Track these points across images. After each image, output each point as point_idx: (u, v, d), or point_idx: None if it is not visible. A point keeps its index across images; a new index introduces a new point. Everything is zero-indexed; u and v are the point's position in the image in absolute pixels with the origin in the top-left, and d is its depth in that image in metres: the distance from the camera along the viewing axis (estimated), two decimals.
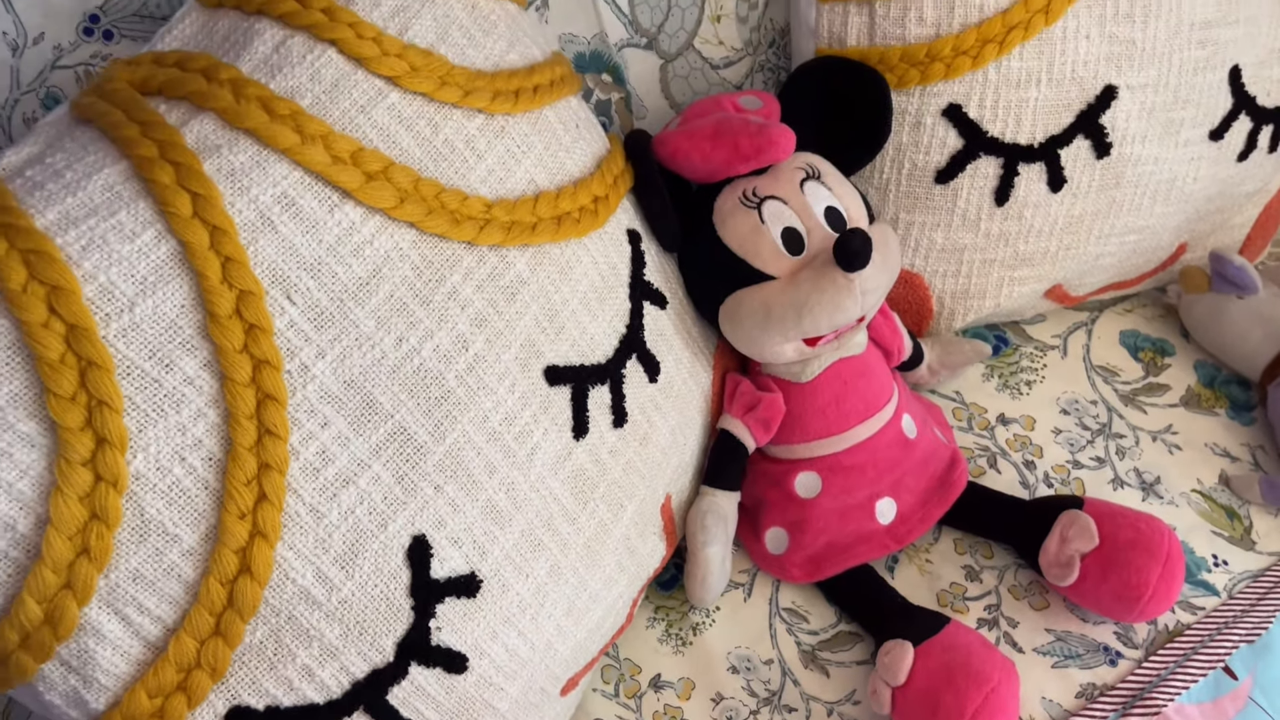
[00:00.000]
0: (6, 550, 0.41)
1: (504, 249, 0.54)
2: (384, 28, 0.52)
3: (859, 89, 0.70)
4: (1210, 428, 0.82)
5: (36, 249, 0.41)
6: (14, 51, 0.56)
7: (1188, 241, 0.85)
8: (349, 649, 0.48)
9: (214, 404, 0.44)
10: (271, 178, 0.46)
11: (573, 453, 0.57)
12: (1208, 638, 0.70)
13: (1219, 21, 0.74)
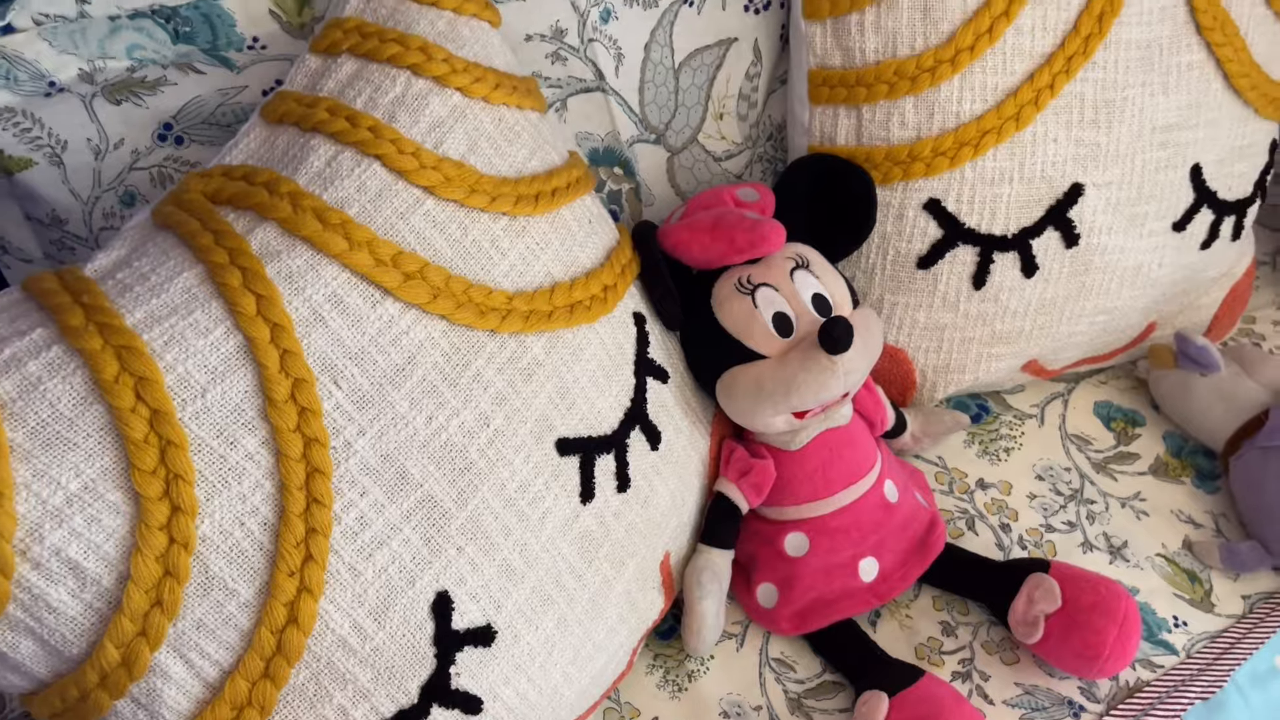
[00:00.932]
0: (91, 602, 0.48)
1: (523, 335, 0.61)
2: (421, 142, 0.59)
3: (847, 184, 0.78)
4: (1176, 495, 0.87)
5: (127, 345, 0.48)
6: (97, 155, 0.64)
7: (1157, 321, 0.91)
8: (379, 691, 0.55)
9: (270, 476, 0.51)
10: (323, 279, 0.54)
11: (580, 516, 0.63)
12: (1165, 694, 0.75)
13: (1180, 125, 0.80)
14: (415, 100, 0.60)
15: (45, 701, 0.51)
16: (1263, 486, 0.82)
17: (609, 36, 0.77)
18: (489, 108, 0.63)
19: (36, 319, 0.50)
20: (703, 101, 0.82)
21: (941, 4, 0.74)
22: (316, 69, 0.62)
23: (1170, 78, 0.79)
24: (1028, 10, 0.75)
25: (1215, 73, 0.80)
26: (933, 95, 0.75)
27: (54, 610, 0.48)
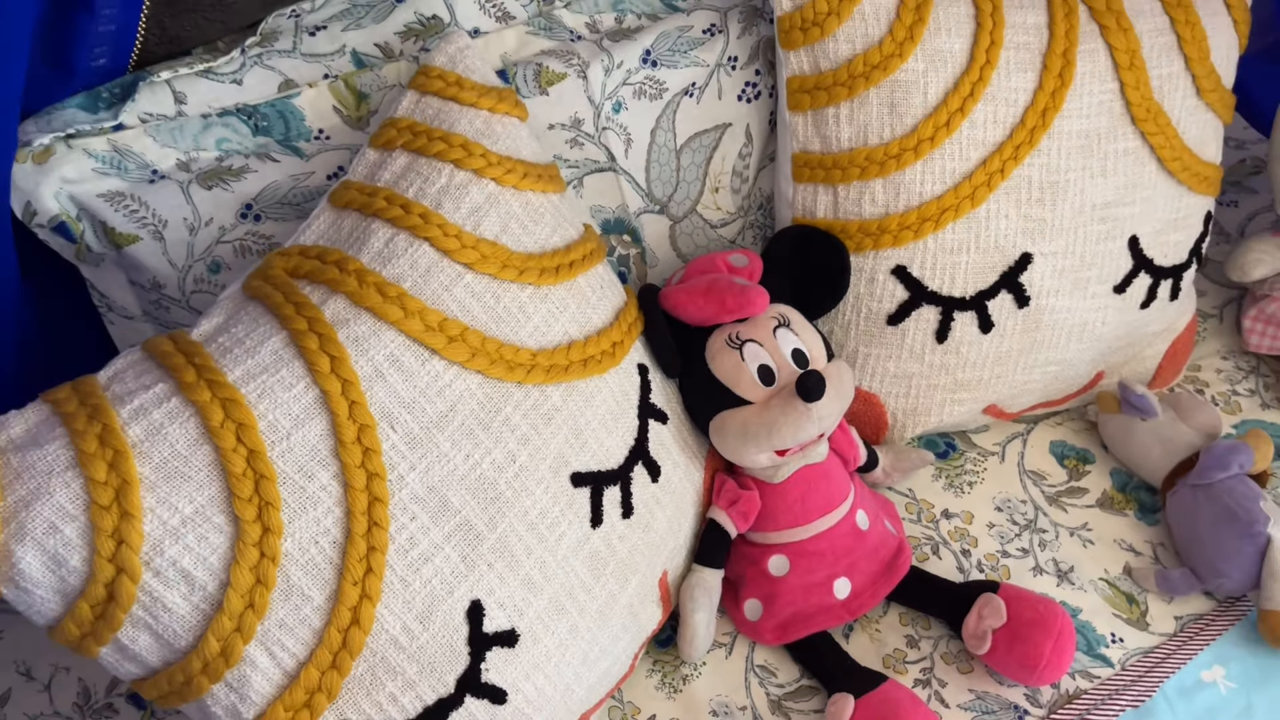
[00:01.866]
0: (198, 604, 0.60)
1: (544, 386, 0.73)
2: (463, 226, 0.71)
3: (826, 252, 0.89)
4: (1120, 526, 0.98)
5: (230, 398, 0.60)
6: (191, 231, 0.76)
7: (1104, 370, 1.02)
8: (422, 682, 0.66)
9: (339, 503, 0.63)
10: (383, 342, 0.66)
11: (590, 538, 0.75)
12: (1100, 701, 0.86)
13: (1118, 202, 0.92)
14: (457, 190, 0.72)
15: (154, 685, 0.62)
16: (1194, 520, 0.93)
17: (620, 124, 0.89)
18: (518, 194, 0.75)
19: (157, 375, 0.62)
20: (701, 177, 0.94)
21: (906, 101, 0.86)
22: (375, 161, 0.74)
23: (1108, 162, 0.90)
24: (980, 107, 0.87)
25: (1150, 157, 0.92)
26: (899, 178, 0.87)
27: (168, 610, 0.60)
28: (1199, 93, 0.93)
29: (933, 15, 0.86)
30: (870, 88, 0.86)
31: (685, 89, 0.91)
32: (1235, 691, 0.87)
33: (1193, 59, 0.91)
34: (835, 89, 0.87)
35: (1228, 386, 1.10)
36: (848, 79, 0.86)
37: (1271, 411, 1.08)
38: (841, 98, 0.87)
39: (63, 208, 0.73)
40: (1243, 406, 1.08)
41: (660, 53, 0.89)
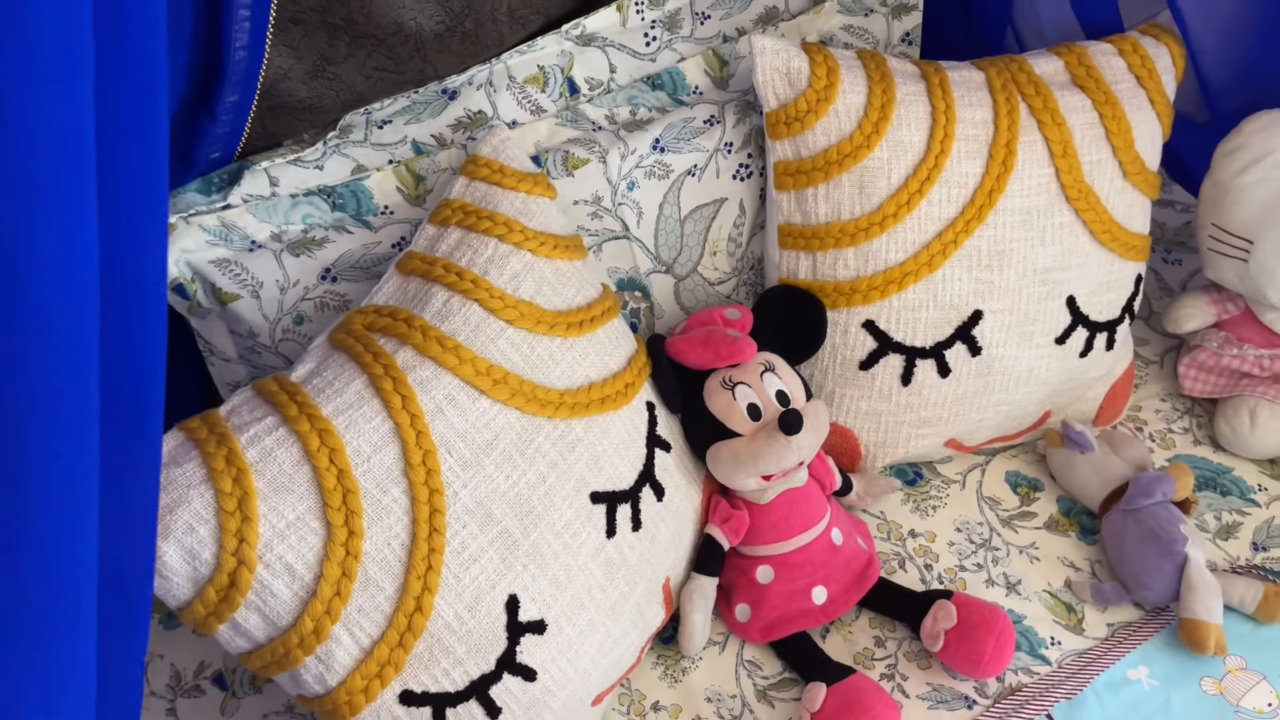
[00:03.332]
0: (298, 591, 0.76)
1: (569, 420, 0.89)
2: (505, 289, 0.88)
3: (806, 308, 1.06)
4: (1063, 546, 1.13)
5: (324, 428, 0.77)
6: (281, 291, 0.93)
7: (1051, 410, 1.18)
8: (469, 660, 0.82)
9: (407, 513, 0.79)
10: (443, 385, 0.82)
11: (605, 547, 0.91)
12: (1038, 694, 1.01)
13: (1056, 268, 1.08)
14: (501, 260, 0.89)
15: (259, 656, 0.78)
16: (1123, 541, 1.08)
17: (633, 200, 1.06)
18: (549, 261, 0.92)
19: (266, 410, 0.78)
20: (701, 243, 1.10)
21: (873, 184, 1.03)
22: (433, 235, 0.91)
23: (1046, 234, 1.07)
24: (936, 189, 1.03)
25: (1083, 230, 1.08)
26: (867, 247, 1.04)
27: (274, 595, 0.76)
28: (1125, 175, 1.09)
29: (895, 113, 1.03)
30: (843, 173, 1.03)
31: (688, 170, 1.07)
32: (1156, 689, 1.01)
33: (1119, 147, 1.08)
34: (814, 173, 1.03)
35: (1164, 425, 1.25)
36: (824, 165, 1.03)
37: (1203, 447, 1.23)
38: (819, 180, 1.03)
39: (181, 272, 0.90)
40: (1177, 443, 1.23)
41: (668, 140, 1.06)
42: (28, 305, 0.39)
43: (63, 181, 0.38)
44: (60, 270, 0.40)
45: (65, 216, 0.39)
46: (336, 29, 0.88)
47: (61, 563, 0.45)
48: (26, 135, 0.37)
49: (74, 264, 0.40)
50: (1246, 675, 1.02)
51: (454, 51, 0.97)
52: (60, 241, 0.39)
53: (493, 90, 1.03)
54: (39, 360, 0.40)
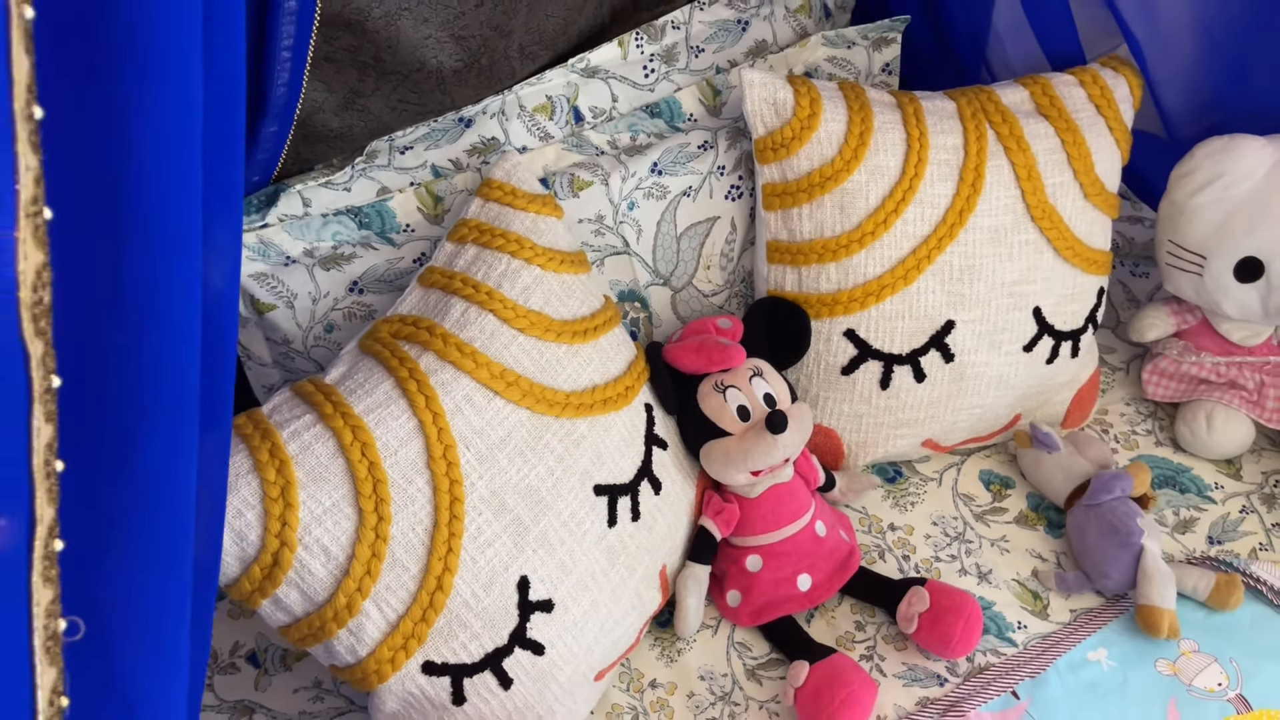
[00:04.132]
0: (332, 570, 0.85)
1: (575, 419, 0.98)
2: (517, 300, 0.97)
3: (792, 318, 1.15)
4: (1031, 538, 1.22)
5: (357, 424, 0.86)
6: (313, 302, 1.02)
7: (1021, 413, 1.27)
8: (485, 634, 0.91)
9: (430, 501, 0.88)
10: (461, 386, 0.91)
11: (606, 535, 1.00)
12: (1004, 672, 1.09)
13: (1023, 281, 1.17)
14: (513, 274, 0.98)
15: (297, 629, 0.87)
16: (1085, 533, 1.17)
17: (633, 219, 1.15)
18: (557, 275, 1.01)
19: (305, 408, 0.87)
20: (696, 258, 1.20)
21: (853, 205, 1.12)
22: (451, 251, 1.00)
23: (1013, 250, 1.16)
24: (911, 209, 1.12)
25: (1047, 246, 1.17)
26: (848, 262, 1.13)
27: (312, 574, 0.85)
28: (1086, 196, 1.18)
29: (873, 140, 1.12)
30: (825, 194, 1.12)
31: (684, 191, 1.17)
32: (1114, 669, 1.10)
33: (1079, 171, 1.17)
34: (799, 194, 1.13)
35: (1129, 427, 1.34)
36: (808, 187, 1.12)
37: (1164, 448, 1.32)
38: (803, 201, 1.13)
39: None
40: (1140, 444, 1.32)
41: (665, 164, 1.16)
42: (161, 319, 0.48)
43: (185, 200, 0.47)
44: (186, 285, 0.49)
45: (188, 234, 0.48)
46: (366, 66, 0.97)
47: (175, 546, 0.53)
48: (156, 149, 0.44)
49: (191, 277, 0.49)
50: (1199, 658, 1.11)
51: (470, 85, 1.06)
52: (185, 258, 0.48)
53: (505, 119, 1.12)
54: (166, 366, 0.49)
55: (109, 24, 0.41)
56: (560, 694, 0.97)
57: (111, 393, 0.46)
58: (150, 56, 0.43)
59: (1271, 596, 1.14)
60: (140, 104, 0.43)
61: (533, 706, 0.95)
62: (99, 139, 0.42)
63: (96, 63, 0.41)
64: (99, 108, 0.42)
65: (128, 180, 0.44)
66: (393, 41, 0.96)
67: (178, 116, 0.45)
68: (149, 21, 0.42)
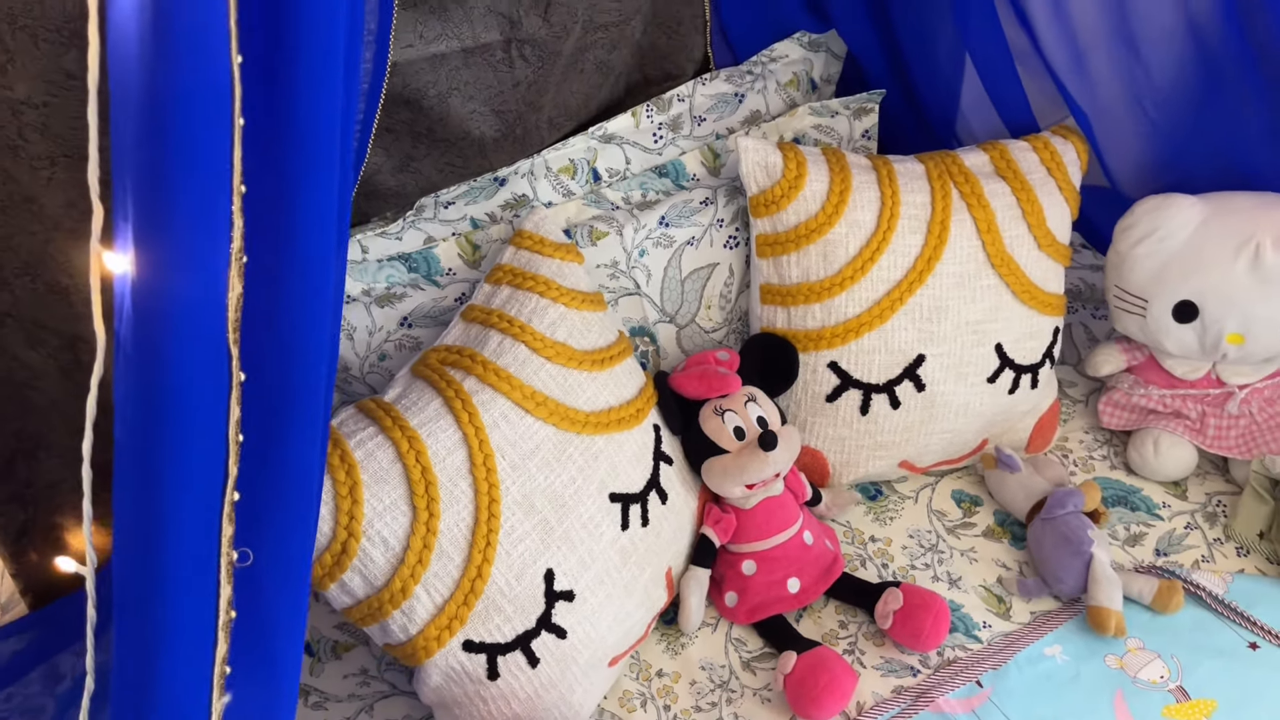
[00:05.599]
0: (390, 559, 1.00)
1: (593, 435, 1.14)
2: (545, 334, 1.13)
3: (782, 352, 1.31)
4: (997, 550, 1.37)
5: (412, 435, 1.02)
6: (369, 334, 1.19)
7: (988, 439, 1.42)
8: (517, 618, 1.06)
9: (471, 502, 1.04)
10: (499, 405, 1.08)
11: (620, 537, 1.15)
12: (970, 664, 1.24)
13: (985, 320, 1.34)
14: (541, 311, 1.15)
15: (358, 610, 1.02)
16: (1042, 543, 1.31)
17: (644, 265, 1.32)
18: (578, 313, 1.18)
19: (368, 422, 1.04)
20: (698, 299, 1.36)
21: (834, 253, 1.29)
22: (489, 292, 1.17)
23: (976, 293, 1.32)
24: (885, 257, 1.29)
25: (1006, 290, 1.34)
26: (830, 303, 1.30)
27: (373, 561, 1.00)
28: (1039, 247, 1.35)
29: (851, 197, 1.29)
30: (810, 244, 1.29)
31: (688, 240, 1.34)
32: (1068, 663, 1.24)
33: (1033, 225, 1.34)
34: (787, 244, 1.30)
35: (1087, 453, 1.50)
36: (795, 238, 1.29)
37: (1118, 471, 1.47)
38: (791, 250, 1.30)
39: None
40: (1096, 468, 1.47)
41: (671, 217, 1.33)
42: (302, 334, 0.64)
43: (325, 249, 0.64)
44: (319, 312, 0.65)
45: (325, 274, 0.64)
46: (420, 135, 1.15)
47: (308, 505, 0.69)
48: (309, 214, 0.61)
49: (323, 307, 0.66)
50: (1143, 654, 1.25)
51: (506, 151, 1.24)
52: (320, 292, 0.64)
53: (534, 178, 1.30)
54: (305, 368, 0.65)
55: (289, 129, 0.58)
56: (579, 675, 1.12)
57: (269, 386, 0.62)
58: (314, 152, 0.59)
59: (1210, 601, 1.29)
60: (304, 184, 0.60)
61: (556, 684, 1.10)
62: (274, 207, 0.59)
63: (279, 155, 0.58)
64: (278, 186, 0.58)
65: (292, 235, 0.60)
66: (444, 115, 1.13)
67: (326, 192, 0.62)
68: (315, 129, 0.59)
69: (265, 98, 0.55)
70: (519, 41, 1.17)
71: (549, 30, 1.18)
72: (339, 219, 0.69)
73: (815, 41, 1.48)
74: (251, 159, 0.55)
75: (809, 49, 1.47)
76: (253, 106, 0.54)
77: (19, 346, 1.07)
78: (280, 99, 0.56)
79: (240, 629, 0.62)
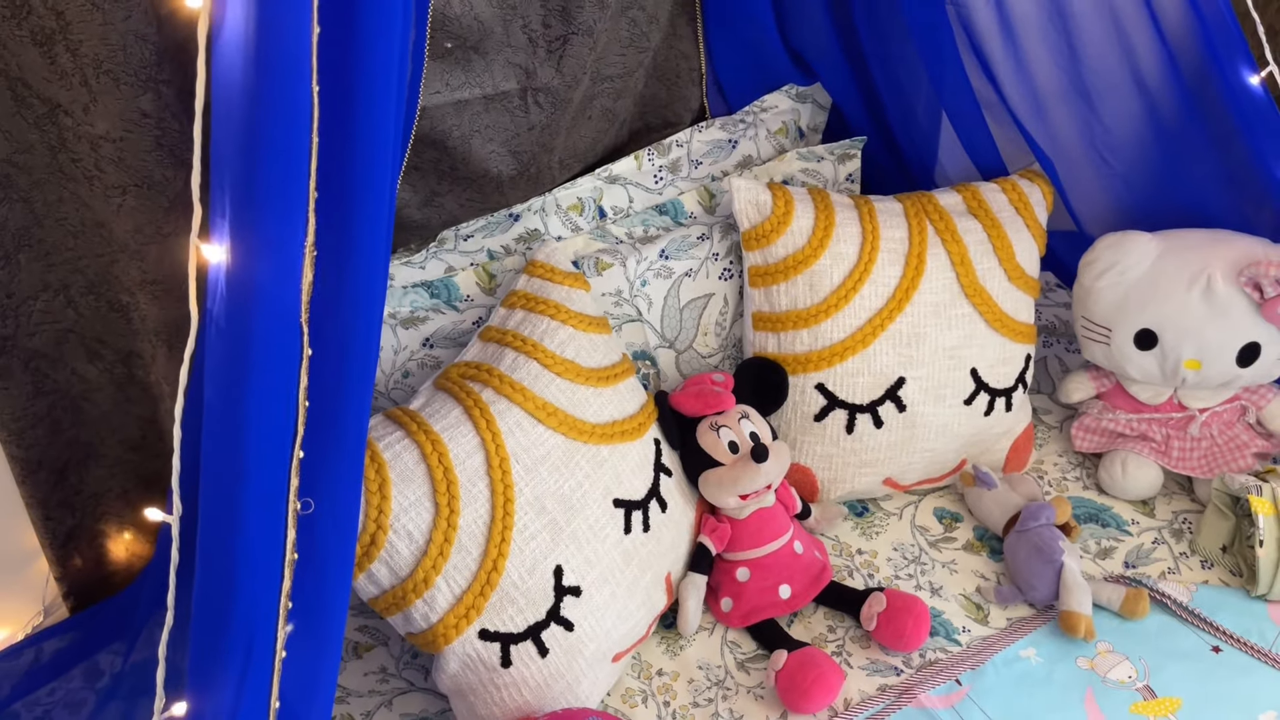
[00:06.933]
0: (414, 551, 1.10)
1: (599, 445, 1.24)
2: (555, 351, 1.24)
3: (773, 374, 1.42)
4: (976, 562, 1.46)
5: (435, 439, 1.13)
6: (395, 354, 1.30)
7: (967, 458, 1.52)
8: (528, 610, 1.15)
9: (488, 501, 1.14)
10: (514, 415, 1.18)
11: (623, 540, 1.25)
12: (950, 665, 1.32)
13: (960, 346, 1.45)
14: (552, 332, 1.26)
15: (383, 599, 1.12)
16: (1017, 554, 1.41)
17: (645, 294, 1.44)
18: (585, 334, 1.29)
19: (395, 427, 1.14)
20: (696, 326, 1.48)
21: (820, 283, 1.41)
22: (504, 315, 1.28)
23: (951, 321, 1.44)
24: (866, 287, 1.41)
25: (979, 319, 1.45)
26: (817, 329, 1.41)
27: (398, 554, 1.10)
28: (1010, 279, 1.47)
29: (835, 232, 1.41)
30: (798, 275, 1.41)
31: (686, 272, 1.46)
32: (1041, 664, 1.33)
33: (1003, 259, 1.46)
34: (777, 275, 1.42)
35: (1061, 474, 1.59)
36: (784, 269, 1.41)
37: (1090, 491, 1.56)
38: (781, 280, 1.42)
39: None
40: (1070, 488, 1.57)
41: (671, 250, 1.45)
42: (360, 313, 0.75)
43: (379, 243, 0.75)
44: (372, 296, 0.76)
45: (379, 265, 0.75)
46: (444, 173, 1.28)
47: (356, 466, 0.80)
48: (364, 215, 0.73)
49: (375, 296, 0.76)
50: (1113, 656, 1.33)
51: (521, 189, 1.37)
52: (374, 281, 0.75)
53: (545, 215, 1.42)
54: (360, 346, 0.76)
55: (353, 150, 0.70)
56: (585, 667, 1.20)
57: (330, 362, 0.73)
58: (372, 167, 0.72)
59: (1175, 608, 1.38)
60: (362, 195, 0.72)
61: (563, 674, 1.18)
62: (339, 212, 0.70)
63: (344, 169, 0.70)
64: (342, 194, 0.70)
65: (350, 234, 0.72)
66: (466, 155, 1.26)
67: (379, 203, 0.74)
68: (373, 149, 0.71)
69: (337, 120, 0.67)
70: (534, 90, 1.30)
71: (561, 80, 1.32)
72: (387, 229, 0.81)
73: (802, 93, 1.62)
74: (324, 170, 0.66)
75: (796, 100, 1.61)
76: (328, 129, 0.66)
77: (79, 360, 1.18)
78: (347, 122, 0.68)
79: (300, 570, 0.71)
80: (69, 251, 1.10)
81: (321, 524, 0.75)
